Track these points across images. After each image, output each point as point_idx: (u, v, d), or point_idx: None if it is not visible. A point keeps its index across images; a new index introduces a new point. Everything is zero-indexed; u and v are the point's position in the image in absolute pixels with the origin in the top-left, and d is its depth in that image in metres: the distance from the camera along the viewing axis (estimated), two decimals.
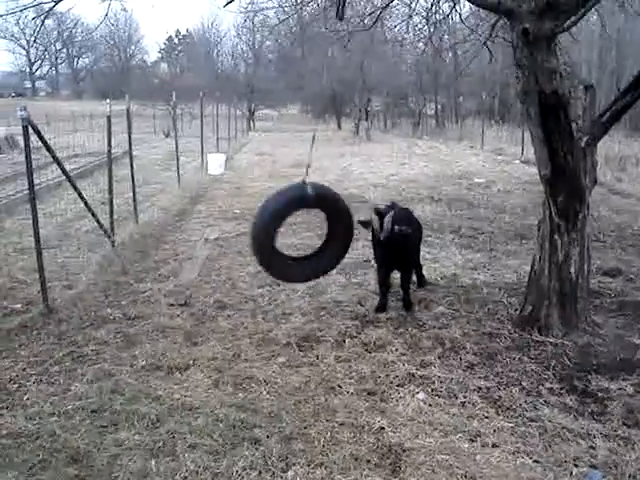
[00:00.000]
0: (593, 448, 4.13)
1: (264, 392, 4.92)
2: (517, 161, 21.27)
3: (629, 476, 3.82)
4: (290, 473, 3.87)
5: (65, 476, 3.84)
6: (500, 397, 4.83)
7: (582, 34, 21.46)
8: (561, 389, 4.94)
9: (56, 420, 4.46)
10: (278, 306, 6.91)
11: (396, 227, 6.23)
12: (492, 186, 15.78)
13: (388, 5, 8.83)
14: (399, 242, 6.36)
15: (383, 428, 4.38)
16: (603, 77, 30.86)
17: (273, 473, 3.87)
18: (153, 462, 3.96)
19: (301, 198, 5.36)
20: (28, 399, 4.79)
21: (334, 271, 7.83)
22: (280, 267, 5.60)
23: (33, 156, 6.60)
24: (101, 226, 8.95)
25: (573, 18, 5.41)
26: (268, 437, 4.25)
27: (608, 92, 23.52)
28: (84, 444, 4.15)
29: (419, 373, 5.23)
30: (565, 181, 5.70)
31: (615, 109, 5.76)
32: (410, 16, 11.25)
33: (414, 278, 7.23)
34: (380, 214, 6.49)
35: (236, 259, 8.93)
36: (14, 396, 4.84)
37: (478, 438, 4.27)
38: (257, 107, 51.62)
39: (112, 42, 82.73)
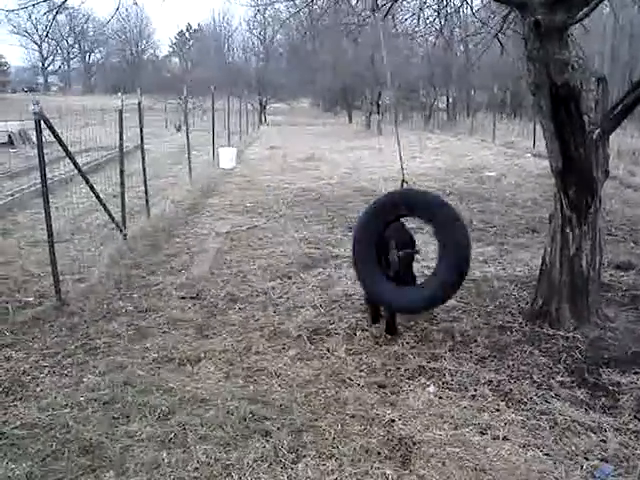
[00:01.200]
0: (604, 442, 4.11)
1: (275, 384, 4.94)
2: (528, 154, 21.16)
3: None
4: (300, 465, 3.88)
5: (77, 466, 3.87)
6: (511, 390, 4.82)
7: (594, 26, 21.29)
8: (572, 382, 4.93)
9: (69, 411, 4.49)
10: (289, 299, 6.92)
11: (400, 253, 5.70)
12: (503, 179, 15.74)
13: None
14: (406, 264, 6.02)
15: (393, 421, 4.38)
16: (616, 69, 30.64)
17: (284, 465, 3.88)
18: (164, 453, 3.99)
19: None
20: (41, 391, 4.82)
21: (345, 264, 7.92)
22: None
23: (45, 150, 6.64)
24: (113, 219, 9.00)
25: (585, 10, 5.37)
26: (279, 429, 4.27)
27: (621, 85, 23.35)
28: (96, 435, 4.18)
29: (430, 366, 5.23)
30: (576, 174, 5.67)
31: (627, 102, 5.71)
32: (421, 9, 11.16)
33: None
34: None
35: (247, 252, 8.95)
36: (27, 388, 4.88)
37: (488, 431, 4.26)
38: (268, 101, 51.63)
39: (123, 37, 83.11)
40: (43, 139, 6.57)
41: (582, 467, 3.85)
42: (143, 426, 4.31)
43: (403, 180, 6.00)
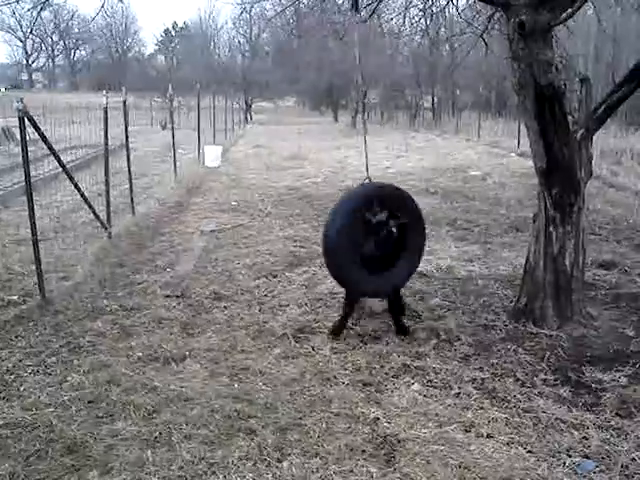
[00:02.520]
0: (586, 438, 4.16)
1: (260, 383, 4.94)
2: (513, 154, 21.26)
3: (622, 466, 3.85)
4: (285, 463, 3.89)
5: (61, 466, 3.85)
6: (495, 388, 4.85)
7: (578, 27, 21.42)
8: (555, 380, 4.97)
9: (52, 410, 4.47)
10: (274, 297, 6.92)
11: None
12: (488, 179, 15.80)
13: None
14: None
15: (378, 419, 4.40)
16: (599, 70, 30.82)
17: (268, 463, 3.89)
18: (149, 452, 3.98)
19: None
20: (25, 390, 4.80)
21: None
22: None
23: (30, 148, 6.61)
24: (98, 218, 8.96)
25: (569, 11, 5.40)
26: (263, 427, 4.27)
27: (604, 85, 23.48)
28: (80, 434, 4.16)
29: (414, 364, 5.25)
30: (560, 173, 5.72)
31: (611, 102, 5.76)
32: (407, 8, 11.24)
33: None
34: None
35: (232, 251, 8.94)
36: (11, 387, 4.85)
37: (472, 429, 4.29)
38: (254, 99, 51.51)
39: (109, 34, 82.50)
40: (27, 136, 6.52)
41: (565, 464, 3.88)
42: (127, 425, 4.30)
43: (367, 177, 6.08)
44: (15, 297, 6.75)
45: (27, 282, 7.14)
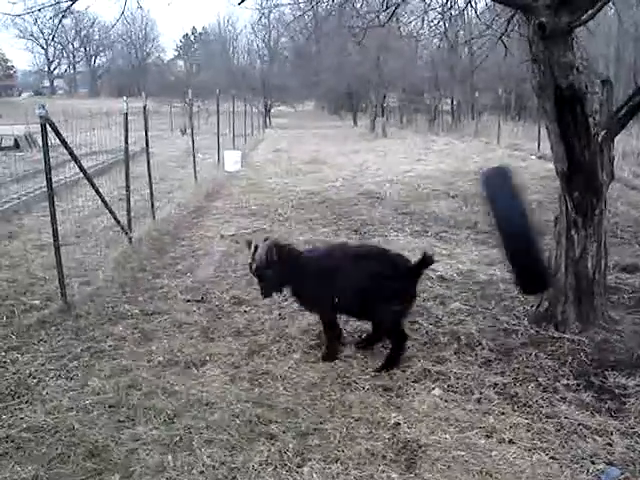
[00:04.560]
0: (610, 445, 4.11)
1: (280, 388, 4.94)
2: (533, 157, 21.10)
3: None
4: (306, 468, 3.88)
5: (83, 470, 3.88)
6: (516, 393, 4.81)
7: (599, 28, 21.27)
8: (578, 385, 4.92)
9: (74, 415, 4.50)
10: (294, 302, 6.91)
11: None
12: None
13: (404, 0, 8.79)
14: None
15: (399, 424, 4.38)
16: (621, 72, 30.54)
17: (289, 468, 3.88)
18: (170, 457, 4.00)
19: None
20: (47, 394, 4.84)
21: None
22: None
23: (52, 154, 6.67)
24: (118, 223, 9.02)
25: (590, 12, 5.35)
26: (284, 432, 4.27)
27: (626, 87, 23.28)
28: (102, 438, 4.19)
29: (435, 369, 5.22)
30: (582, 176, 5.66)
31: (632, 104, 5.70)
32: (425, 11, 11.18)
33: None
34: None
35: None
36: (33, 391, 4.89)
37: (494, 434, 4.26)
38: (273, 104, 51.65)
39: (129, 40, 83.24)
40: (49, 142, 6.59)
41: (588, 470, 3.84)
42: (148, 429, 4.32)
43: None
44: (37, 302, 6.81)
45: (49, 287, 7.21)
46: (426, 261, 5.22)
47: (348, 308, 5.50)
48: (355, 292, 5.19)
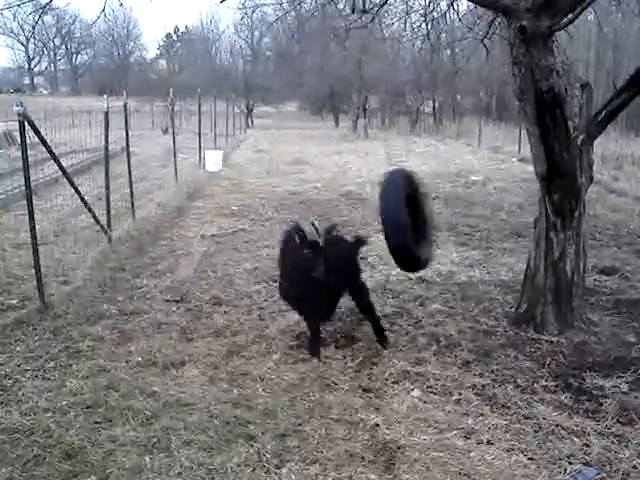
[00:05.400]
0: (587, 445, 4.14)
1: (259, 389, 4.93)
2: (514, 159, 21.27)
3: (623, 473, 3.84)
4: (284, 470, 3.87)
5: (59, 472, 3.83)
6: (495, 394, 4.83)
7: (579, 33, 21.46)
8: (556, 387, 4.95)
9: (51, 416, 4.45)
10: (274, 303, 6.88)
11: None
12: (489, 184, 15.79)
13: (386, 2, 8.79)
14: None
15: (378, 425, 4.38)
16: (600, 76, 30.85)
17: (267, 469, 3.87)
18: (147, 458, 3.96)
19: None
20: (23, 395, 4.78)
21: None
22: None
23: (31, 152, 6.60)
24: (98, 222, 8.95)
25: (570, 16, 5.39)
26: (263, 434, 4.25)
27: (605, 91, 23.49)
28: (78, 440, 4.14)
29: (414, 370, 5.23)
30: (561, 179, 5.71)
31: (611, 108, 5.74)
32: (407, 13, 11.23)
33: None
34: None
35: (233, 255, 8.94)
36: (9, 391, 4.83)
37: (473, 435, 4.27)
38: (255, 104, 51.56)
39: (111, 38, 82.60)
40: (28, 140, 6.51)
41: (566, 471, 3.87)
42: (126, 430, 4.28)
43: None
44: (14, 301, 6.74)
45: (27, 286, 7.12)
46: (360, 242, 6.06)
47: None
48: None
